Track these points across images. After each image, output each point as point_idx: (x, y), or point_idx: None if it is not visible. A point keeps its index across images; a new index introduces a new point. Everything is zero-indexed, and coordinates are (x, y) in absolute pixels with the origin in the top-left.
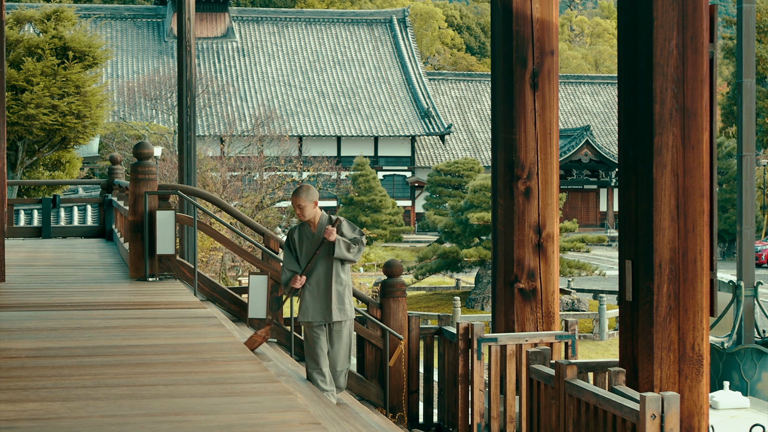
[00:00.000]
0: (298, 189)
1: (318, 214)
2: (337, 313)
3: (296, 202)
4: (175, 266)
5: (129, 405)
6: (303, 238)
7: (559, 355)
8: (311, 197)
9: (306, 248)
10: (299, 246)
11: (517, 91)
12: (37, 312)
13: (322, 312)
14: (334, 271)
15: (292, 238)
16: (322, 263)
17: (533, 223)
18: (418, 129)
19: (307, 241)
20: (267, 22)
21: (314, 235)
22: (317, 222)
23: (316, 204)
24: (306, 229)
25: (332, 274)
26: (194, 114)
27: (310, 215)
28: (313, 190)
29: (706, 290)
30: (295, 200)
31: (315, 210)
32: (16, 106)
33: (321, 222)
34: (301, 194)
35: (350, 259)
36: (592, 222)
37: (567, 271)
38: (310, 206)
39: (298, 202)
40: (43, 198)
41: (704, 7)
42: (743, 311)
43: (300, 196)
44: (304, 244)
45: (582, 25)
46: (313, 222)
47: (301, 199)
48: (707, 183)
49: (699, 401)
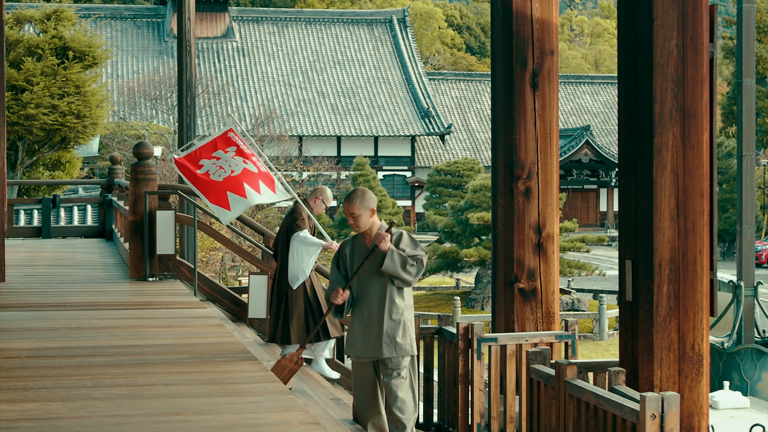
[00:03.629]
0: (352, 194)
1: (376, 224)
2: (388, 347)
3: (349, 210)
4: (175, 266)
5: (129, 405)
6: (355, 254)
7: (559, 355)
8: (367, 204)
9: (358, 262)
10: (351, 260)
11: (517, 91)
12: (37, 312)
13: (370, 345)
14: (388, 295)
15: (342, 253)
16: (374, 284)
17: (533, 223)
18: (418, 129)
19: (359, 256)
20: (267, 22)
21: (368, 251)
22: (374, 234)
23: (373, 212)
24: (360, 242)
25: (385, 299)
26: (194, 114)
27: (365, 226)
28: (369, 195)
29: (706, 290)
30: (348, 207)
31: (372, 219)
32: (16, 106)
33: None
34: (354, 200)
35: (404, 278)
36: (592, 222)
37: (567, 271)
38: (365, 215)
39: (351, 209)
40: (43, 198)
41: (704, 7)
42: (743, 311)
43: (353, 202)
44: (356, 261)
45: (582, 25)
46: (369, 234)
47: (355, 206)
48: (707, 183)
49: (699, 401)
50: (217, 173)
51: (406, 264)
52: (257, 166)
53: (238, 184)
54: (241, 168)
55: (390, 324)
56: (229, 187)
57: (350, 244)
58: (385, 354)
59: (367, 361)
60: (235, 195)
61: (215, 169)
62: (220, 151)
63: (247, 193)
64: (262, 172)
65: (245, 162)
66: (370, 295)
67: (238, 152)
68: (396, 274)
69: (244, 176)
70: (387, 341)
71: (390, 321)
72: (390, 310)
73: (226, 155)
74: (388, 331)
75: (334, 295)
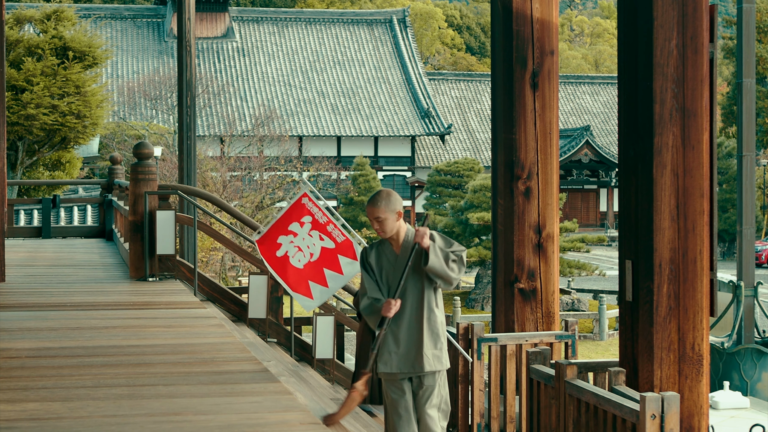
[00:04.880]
0: (375, 196)
1: (403, 228)
2: (432, 360)
3: (373, 214)
4: (175, 266)
5: (129, 405)
6: (382, 261)
7: (559, 355)
8: (393, 206)
9: (386, 274)
10: (378, 269)
11: (517, 91)
12: (37, 312)
13: (410, 360)
14: (426, 302)
15: (368, 261)
16: (410, 292)
17: (533, 223)
18: (418, 129)
19: (387, 264)
20: (267, 22)
21: (397, 258)
22: (401, 240)
23: (400, 215)
24: (386, 248)
25: (423, 306)
26: (194, 114)
27: (391, 231)
28: (395, 197)
29: (706, 290)
30: (372, 211)
31: (398, 223)
32: (16, 106)
33: (407, 240)
34: (379, 203)
35: (449, 276)
36: (592, 222)
37: (567, 271)
38: (391, 218)
39: (375, 213)
40: (43, 198)
41: (704, 7)
42: (743, 311)
43: (378, 205)
44: (383, 269)
45: (582, 25)
46: (396, 240)
47: (380, 209)
48: (707, 183)
49: (699, 401)
50: (296, 257)
51: (449, 260)
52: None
53: (319, 271)
54: (319, 249)
55: (430, 334)
56: (310, 276)
57: (374, 252)
58: (426, 368)
59: (403, 377)
60: (317, 285)
61: (294, 251)
62: (296, 224)
63: (328, 281)
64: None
65: (321, 238)
66: (406, 304)
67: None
68: (442, 271)
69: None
70: (428, 354)
71: (430, 331)
72: (429, 319)
73: (303, 230)
74: (429, 343)
75: (387, 308)
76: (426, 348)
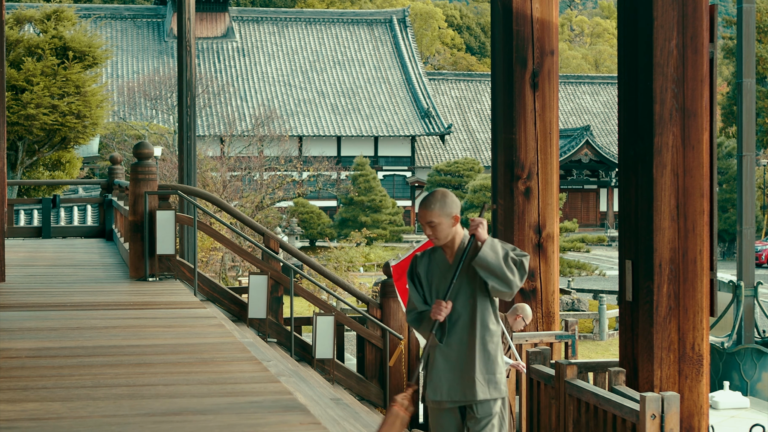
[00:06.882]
0: (429, 197)
1: (459, 235)
2: (484, 386)
3: (425, 218)
4: (175, 266)
5: (129, 405)
6: (434, 270)
7: (559, 355)
8: (449, 209)
9: (436, 287)
10: (427, 281)
11: (517, 91)
12: (37, 312)
13: (460, 385)
14: (480, 319)
15: (417, 271)
16: (462, 306)
17: (533, 223)
18: (418, 129)
19: (439, 273)
20: (267, 22)
21: (450, 267)
22: (456, 247)
23: (457, 220)
24: (438, 257)
25: (476, 324)
26: (194, 114)
27: (446, 237)
28: (451, 199)
29: (706, 290)
30: (424, 214)
31: (454, 229)
32: (16, 106)
33: (462, 247)
34: (432, 205)
35: (507, 276)
36: (592, 222)
37: (567, 271)
38: (446, 223)
39: (429, 217)
40: (43, 198)
41: (704, 7)
42: (743, 311)
43: (431, 207)
44: (434, 278)
45: (582, 25)
46: (451, 247)
47: (434, 212)
48: (707, 183)
49: (699, 401)
50: None
51: (508, 257)
52: None
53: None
54: None
55: (484, 357)
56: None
57: (425, 261)
58: (479, 396)
59: (453, 406)
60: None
61: None
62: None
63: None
64: None
65: None
66: (458, 320)
67: None
68: (498, 268)
69: None
70: (481, 380)
71: (484, 353)
72: (483, 338)
73: None
74: (483, 367)
75: (437, 309)
76: (479, 373)
